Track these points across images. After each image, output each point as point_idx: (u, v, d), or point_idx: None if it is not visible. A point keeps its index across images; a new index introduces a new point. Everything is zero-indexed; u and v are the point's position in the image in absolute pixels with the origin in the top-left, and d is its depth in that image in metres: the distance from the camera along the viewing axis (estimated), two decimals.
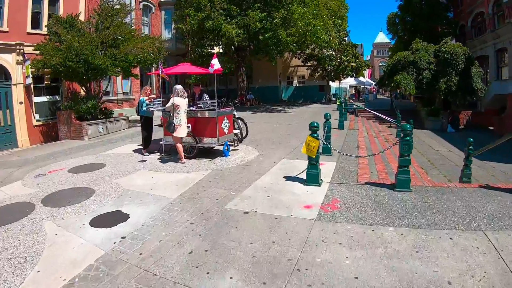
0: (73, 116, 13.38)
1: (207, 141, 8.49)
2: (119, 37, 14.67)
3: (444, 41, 24.07)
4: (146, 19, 25.30)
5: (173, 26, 25.62)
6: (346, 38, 36.64)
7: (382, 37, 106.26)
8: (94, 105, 13.86)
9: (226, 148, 8.65)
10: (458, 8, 31.91)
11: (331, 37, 24.14)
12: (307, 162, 6.00)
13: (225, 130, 8.65)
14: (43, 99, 15.65)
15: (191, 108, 8.84)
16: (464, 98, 22.25)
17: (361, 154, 9.10)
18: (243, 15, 21.61)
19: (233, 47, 26.50)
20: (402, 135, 5.71)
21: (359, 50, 41.23)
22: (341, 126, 14.18)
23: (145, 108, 9.29)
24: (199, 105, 9.35)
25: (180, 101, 7.99)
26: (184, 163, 8.09)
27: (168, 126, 8.09)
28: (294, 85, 37.85)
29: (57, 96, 16.22)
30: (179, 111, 7.97)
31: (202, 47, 23.72)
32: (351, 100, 25.47)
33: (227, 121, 8.74)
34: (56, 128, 14.66)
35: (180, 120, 7.96)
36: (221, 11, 21.49)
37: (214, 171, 7.32)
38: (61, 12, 15.70)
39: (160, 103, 9.47)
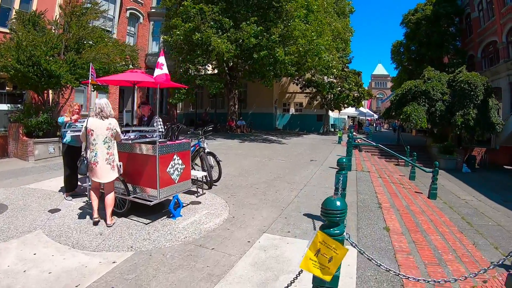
0: (21, 131, 11.48)
1: (144, 192, 5.27)
2: (87, 42, 12.80)
3: (459, 70, 21.50)
4: (132, 29, 23.09)
5: (161, 39, 22.89)
6: (348, 65, 34.08)
7: (381, 69, 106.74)
8: (47, 120, 11.54)
9: (175, 205, 5.44)
10: (466, 38, 30.28)
11: (334, 62, 21.40)
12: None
13: (174, 177, 5.44)
14: (3, 107, 13.42)
15: (125, 137, 5.71)
16: (483, 134, 19.52)
17: (386, 217, 6.01)
18: (237, 29, 18.84)
19: (226, 67, 23.73)
20: None
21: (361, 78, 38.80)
22: (348, 167, 11.04)
23: (68, 135, 6.14)
24: (142, 134, 6.22)
25: (96, 124, 4.89)
26: (110, 225, 4.97)
27: (80, 164, 5.07)
28: (290, 113, 35.28)
29: (19, 105, 13.67)
30: (95, 140, 4.85)
31: (190, 62, 20.73)
32: (355, 133, 22.51)
33: (179, 161, 5.55)
34: (7, 142, 12.51)
35: (96, 156, 4.83)
36: (212, 23, 18.73)
37: (138, 255, 4.10)
38: (33, 9, 13.92)
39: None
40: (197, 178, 6.71)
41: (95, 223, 4.97)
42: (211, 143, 16.76)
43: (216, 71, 25.72)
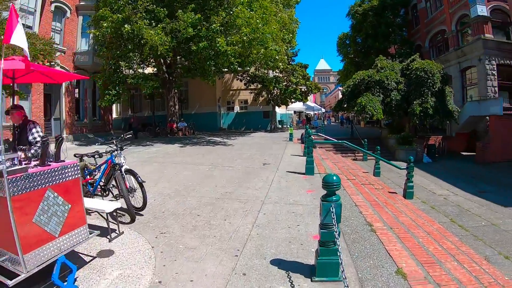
0: None
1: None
2: None
3: (412, 58, 20.74)
4: (58, 24, 19.97)
5: (91, 35, 19.93)
6: (294, 58, 32.67)
7: (324, 64, 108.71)
8: None
9: (63, 272, 3.20)
10: (413, 29, 30.71)
11: (281, 54, 19.68)
12: None
13: (51, 228, 3.14)
14: None
15: None
16: (442, 122, 18.83)
17: (389, 249, 4.31)
18: (173, 19, 16.53)
19: (163, 64, 21.25)
20: None
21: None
22: (309, 171, 9.21)
23: None
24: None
25: None
26: None
27: None
28: (235, 111, 33.42)
29: None
30: None
31: (120, 59, 18.04)
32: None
33: (58, 199, 3.24)
34: None
35: None
36: (144, 13, 16.28)
37: None
38: None
39: None
40: (106, 213, 4.47)
41: None
42: (147, 150, 14.50)
43: (153, 69, 23.20)
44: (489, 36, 21.08)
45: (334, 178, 3.35)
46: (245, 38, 15.77)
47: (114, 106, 36.28)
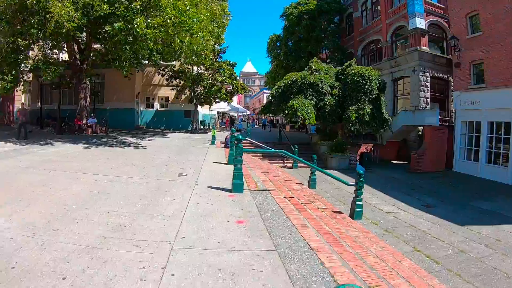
0: None
1: None
2: None
3: (348, 63, 19.97)
4: None
5: None
6: (222, 55, 30.42)
7: (250, 67, 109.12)
8: None
9: None
10: (346, 36, 31.25)
11: (207, 48, 17.52)
12: None
13: None
14: None
15: None
16: (378, 130, 18.21)
17: None
18: None
19: (75, 49, 18.02)
20: None
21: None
22: (238, 187, 7.12)
23: None
24: None
25: None
26: None
27: None
28: (155, 108, 30.55)
29: None
30: None
31: (20, 36, 14.63)
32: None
33: None
34: None
35: None
36: None
37: None
38: None
39: None
40: None
41: None
42: (43, 151, 11.73)
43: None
44: (425, 48, 21.55)
45: None
46: (168, 21, 13.39)
47: (23, 96, 31.28)
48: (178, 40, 14.69)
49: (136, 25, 12.89)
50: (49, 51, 17.55)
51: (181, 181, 7.89)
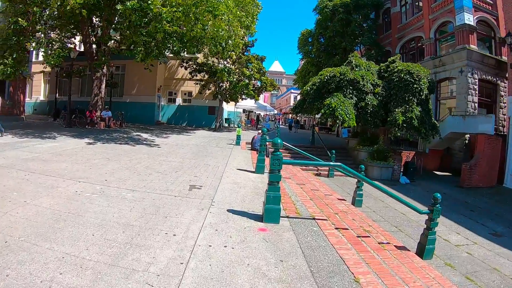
0: None
1: None
2: None
3: (392, 59, 17.35)
4: None
5: None
6: (250, 49, 28.16)
7: (277, 66, 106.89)
8: None
9: None
10: (382, 34, 28.55)
11: (234, 36, 15.38)
12: None
13: None
14: None
15: None
16: (427, 136, 15.66)
17: None
18: None
19: (91, 35, 16.36)
20: None
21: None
22: (273, 215, 4.77)
23: None
24: None
25: None
26: None
27: None
28: (177, 103, 28.63)
29: None
30: None
31: (22, 16, 13.05)
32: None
33: None
34: None
35: None
36: None
37: None
38: None
39: None
40: None
41: None
42: (38, 145, 10.11)
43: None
44: (473, 47, 18.85)
45: None
46: (188, 1, 11.30)
47: (42, 87, 30.23)
48: (200, 25, 12.60)
49: (150, 2, 10.84)
50: (51, 33, 15.91)
51: (192, 199, 5.75)
